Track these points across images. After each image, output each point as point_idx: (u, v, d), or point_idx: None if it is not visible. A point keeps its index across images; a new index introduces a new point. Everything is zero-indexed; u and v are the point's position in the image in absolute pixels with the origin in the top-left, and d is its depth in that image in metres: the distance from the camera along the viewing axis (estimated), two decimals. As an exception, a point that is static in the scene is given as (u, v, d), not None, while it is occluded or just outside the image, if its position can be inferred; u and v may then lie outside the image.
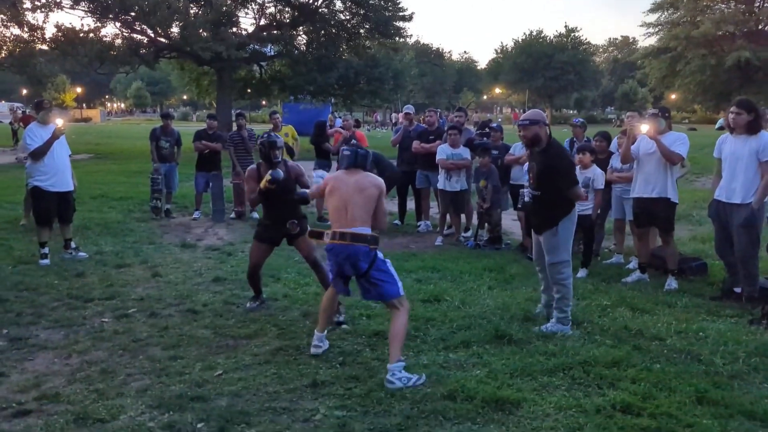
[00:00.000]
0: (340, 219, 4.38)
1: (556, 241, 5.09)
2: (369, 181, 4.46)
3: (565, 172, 5.09)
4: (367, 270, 4.29)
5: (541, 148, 5.09)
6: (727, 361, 4.45)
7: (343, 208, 4.38)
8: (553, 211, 5.08)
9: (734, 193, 5.79)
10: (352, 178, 4.46)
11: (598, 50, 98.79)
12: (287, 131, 10.90)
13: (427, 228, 9.68)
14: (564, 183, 5.04)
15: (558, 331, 5.01)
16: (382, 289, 4.31)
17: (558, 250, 5.10)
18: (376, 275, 4.30)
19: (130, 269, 7.09)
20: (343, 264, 4.36)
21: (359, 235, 4.30)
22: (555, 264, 5.12)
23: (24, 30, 24.79)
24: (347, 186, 4.42)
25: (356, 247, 4.29)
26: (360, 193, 4.38)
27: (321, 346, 4.61)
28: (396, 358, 4.14)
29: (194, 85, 34.45)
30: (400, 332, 4.25)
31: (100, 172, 16.70)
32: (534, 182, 5.17)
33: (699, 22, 44.07)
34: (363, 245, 4.29)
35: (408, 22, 29.11)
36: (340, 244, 4.33)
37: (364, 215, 4.36)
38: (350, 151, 4.55)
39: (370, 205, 4.39)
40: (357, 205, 4.35)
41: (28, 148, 7.15)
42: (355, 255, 4.29)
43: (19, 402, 3.86)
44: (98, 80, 68.89)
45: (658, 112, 6.54)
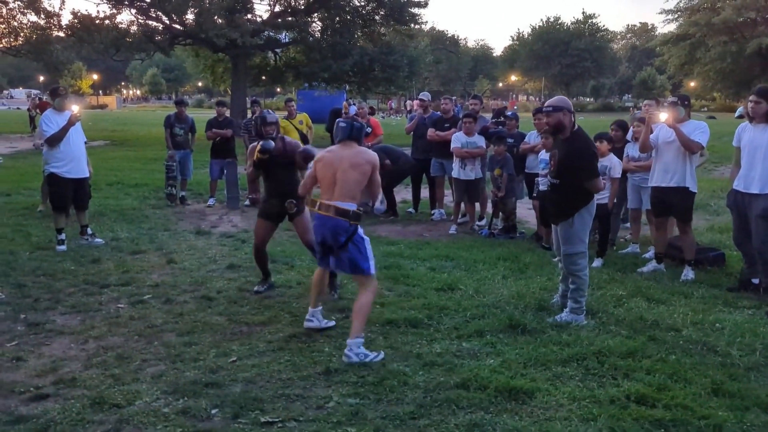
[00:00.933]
0: (329, 191, 4.50)
1: (573, 232, 5.03)
2: (363, 157, 4.51)
3: (588, 161, 4.98)
4: (345, 243, 4.41)
5: (565, 137, 5.01)
6: (744, 353, 4.41)
7: (332, 180, 4.48)
8: (571, 200, 5.01)
9: (753, 183, 5.70)
10: (346, 151, 4.53)
11: (616, 37, 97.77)
12: (302, 119, 10.91)
13: (441, 216, 9.66)
14: (585, 173, 4.94)
15: (572, 322, 4.98)
16: (353, 261, 4.43)
17: (573, 241, 5.04)
18: (351, 249, 4.42)
19: (145, 256, 7.14)
20: (326, 234, 4.48)
21: (343, 210, 4.41)
22: (570, 255, 5.07)
23: (41, 17, 24.95)
24: (340, 160, 4.49)
25: (338, 221, 4.41)
26: (354, 169, 4.46)
27: (313, 320, 4.82)
28: (356, 334, 4.29)
29: (209, 72, 34.45)
30: (363, 309, 4.40)
31: (115, 159, 16.81)
32: (554, 170, 5.09)
33: (719, 8, 43.42)
34: (344, 220, 4.41)
35: (423, 8, 28.89)
36: (325, 216, 4.46)
37: (353, 191, 4.46)
38: (346, 123, 4.61)
39: (362, 181, 4.50)
40: (348, 180, 4.44)
41: (44, 134, 7.19)
42: (336, 227, 4.42)
43: (36, 386, 3.91)
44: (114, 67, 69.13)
45: (677, 100, 6.45)
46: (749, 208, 5.75)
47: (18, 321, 5.05)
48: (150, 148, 20.33)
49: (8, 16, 25.55)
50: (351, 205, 4.44)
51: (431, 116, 9.87)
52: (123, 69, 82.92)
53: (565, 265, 5.14)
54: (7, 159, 16.20)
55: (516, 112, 10.95)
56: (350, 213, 4.42)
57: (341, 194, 4.44)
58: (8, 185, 11.66)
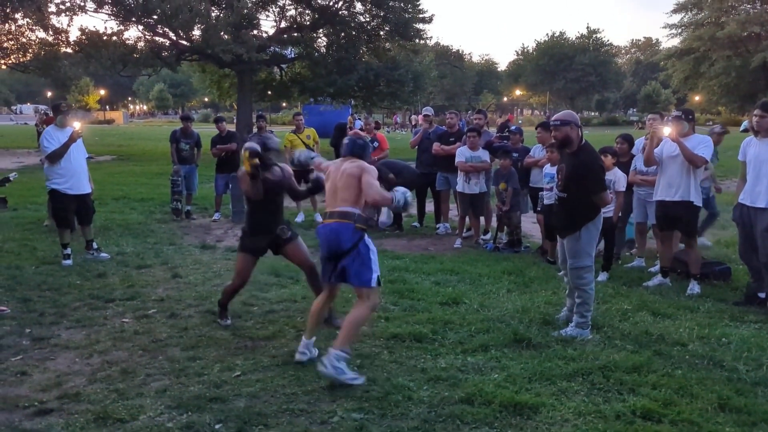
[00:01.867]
0: (330, 203, 4.49)
1: (580, 246, 5.04)
2: (354, 164, 4.48)
3: (596, 175, 5.01)
4: (350, 249, 4.25)
5: (572, 150, 5.04)
6: (751, 368, 4.38)
7: (333, 191, 4.49)
8: (578, 214, 5.03)
9: (759, 197, 5.69)
10: (344, 165, 4.53)
11: (621, 51, 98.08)
12: (309, 134, 10.96)
13: (446, 230, 9.66)
14: (593, 186, 4.96)
15: (577, 336, 4.96)
16: (360, 273, 4.26)
17: (580, 254, 5.05)
18: (356, 256, 4.26)
19: (150, 270, 7.16)
20: (330, 243, 4.32)
21: (345, 212, 4.33)
22: (577, 269, 5.07)
23: (49, 33, 25.20)
24: (338, 171, 4.51)
25: (342, 224, 4.30)
26: (346, 177, 4.42)
27: (306, 354, 4.51)
28: (340, 345, 4.13)
29: (215, 87, 34.71)
30: (356, 321, 4.26)
31: (122, 174, 16.90)
32: (562, 184, 5.10)
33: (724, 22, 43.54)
34: (349, 222, 4.30)
35: (428, 24, 29.08)
36: (327, 223, 4.40)
37: (349, 196, 4.37)
38: (349, 140, 4.67)
39: (351, 183, 4.38)
40: (342, 187, 4.42)
41: (45, 150, 7.24)
42: (339, 231, 4.28)
43: (40, 401, 3.91)
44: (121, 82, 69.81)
45: (681, 115, 6.46)
46: (755, 222, 5.73)
47: (23, 335, 5.05)
48: (156, 162, 20.44)
49: (17, 32, 25.83)
50: (353, 209, 4.35)
51: (435, 131, 9.90)
52: (130, 84, 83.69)
53: (572, 278, 5.13)
54: (14, 174, 16.28)
55: (519, 126, 10.96)
56: (354, 215, 4.32)
57: (343, 200, 4.40)
58: (15, 200, 11.72)
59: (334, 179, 4.53)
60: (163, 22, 24.85)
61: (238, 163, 10.74)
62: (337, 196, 4.45)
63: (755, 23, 42.74)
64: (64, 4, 24.42)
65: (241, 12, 24.57)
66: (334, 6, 28.15)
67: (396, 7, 27.43)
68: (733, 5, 45.68)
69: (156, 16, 24.37)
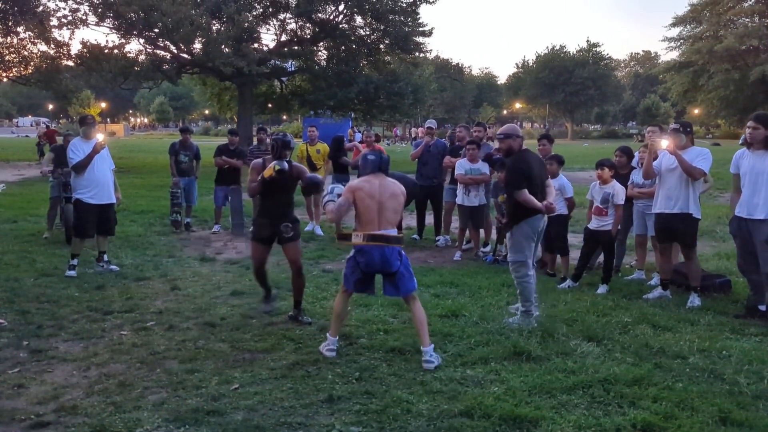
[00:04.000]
0: (372, 221, 4.71)
1: (513, 241, 5.66)
2: (398, 187, 4.85)
3: (512, 174, 5.64)
4: (398, 269, 4.70)
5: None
6: (752, 381, 4.35)
7: (375, 210, 4.72)
8: (513, 211, 5.64)
9: (756, 209, 5.68)
10: (380, 182, 4.82)
11: (620, 65, 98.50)
12: (320, 148, 10.88)
13: (446, 242, 9.65)
14: (511, 182, 5.61)
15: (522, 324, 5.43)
16: (407, 284, 4.75)
17: (515, 249, 5.64)
18: (404, 272, 4.73)
19: (149, 282, 7.15)
20: (376, 264, 4.70)
21: (392, 237, 4.72)
22: (512, 263, 5.66)
23: (50, 46, 25.37)
24: (377, 189, 4.76)
25: (392, 248, 4.71)
26: (392, 198, 4.78)
27: (335, 349, 4.85)
28: (428, 342, 4.63)
29: (216, 100, 34.86)
30: (424, 318, 4.72)
31: (122, 186, 16.65)
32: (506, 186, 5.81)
33: (722, 36, 43.75)
34: (397, 246, 4.74)
35: (428, 37, 29.28)
36: (375, 245, 4.68)
37: (393, 218, 4.77)
38: (375, 155, 4.92)
39: (400, 209, 4.88)
40: (389, 209, 4.74)
41: (71, 161, 7.37)
42: (390, 255, 4.68)
43: (37, 414, 3.88)
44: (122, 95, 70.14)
45: (679, 127, 6.47)
46: (754, 234, 5.72)
47: (21, 348, 5.03)
48: (156, 175, 20.47)
49: (19, 45, 25.99)
50: (395, 232, 4.78)
51: (436, 143, 9.91)
52: (131, 97, 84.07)
53: (511, 270, 5.71)
54: (14, 186, 16.33)
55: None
56: (399, 239, 4.79)
57: (387, 222, 4.73)
58: (14, 212, 11.73)
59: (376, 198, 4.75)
60: (164, 35, 25.01)
61: (238, 176, 10.77)
62: (382, 217, 4.75)
63: (753, 37, 42.98)
64: (65, 18, 24.60)
65: (241, 25, 24.73)
66: (335, 19, 28.33)
67: (396, 20, 27.61)
68: (732, 19, 45.93)
69: (157, 29, 24.52)
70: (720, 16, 45.62)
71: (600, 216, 6.94)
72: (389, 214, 4.74)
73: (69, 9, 24.81)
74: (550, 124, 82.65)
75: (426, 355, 4.58)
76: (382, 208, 4.72)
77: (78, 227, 7.48)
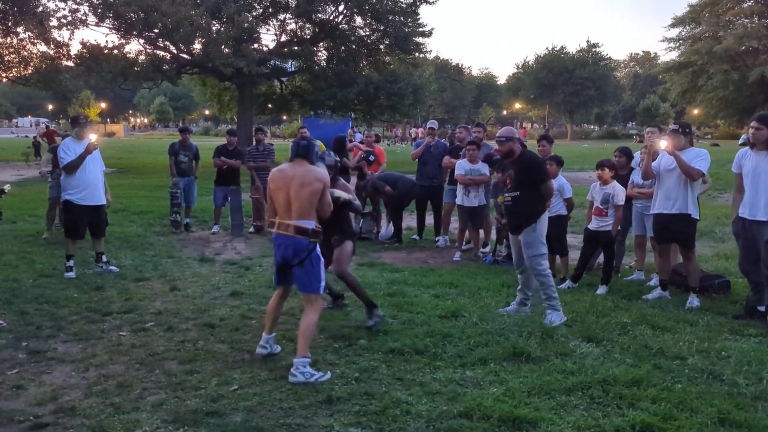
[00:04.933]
0: (286, 211, 4.65)
1: (534, 236, 5.73)
2: (312, 175, 4.65)
3: (539, 165, 5.91)
4: (304, 260, 4.60)
5: (514, 158, 5.88)
6: (751, 382, 4.35)
7: (286, 200, 4.64)
8: (532, 207, 5.76)
9: (759, 210, 5.67)
10: (295, 170, 4.68)
11: (620, 65, 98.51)
12: None
13: (446, 243, 9.65)
14: (539, 175, 5.81)
15: (557, 321, 5.56)
16: (307, 279, 4.64)
17: (536, 244, 5.73)
18: (308, 267, 4.62)
19: (148, 283, 7.14)
20: (287, 253, 4.64)
21: (302, 228, 4.60)
22: (534, 257, 5.73)
23: (50, 47, 25.37)
24: (291, 179, 4.64)
25: (299, 240, 4.60)
26: (304, 187, 4.60)
27: (266, 347, 4.84)
28: (302, 353, 4.42)
29: (216, 100, 34.89)
30: (309, 328, 4.55)
31: (122, 186, 16.89)
32: (513, 185, 5.83)
33: (721, 37, 43.74)
34: (304, 238, 4.59)
35: (428, 37, 29.32)
36: (285, 235, 4.64)
37: (307, 209, 4.62)
38: (293, 142, 4.90)
39: (313, 199, 4.64)
40: (301, 199, 4.60)
41: (62, 161, 7.31)
42: (297, 246, 4.60)
43: (36, 415, 3.88)
44: (122, 95, 70.05)
45: (677, 128, 6.47)
46: (757, 235, 5.71)
47: (19, 349, 5.03)
48: (155, 175, 20.46)
49: (19, 46, 26.00)
50: (309, 223, 4.63)
51: (436, 144, 9.91)
52: (131, 97, 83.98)
53: (531, 267, 5.78)
54: (13, 186, 16.31)
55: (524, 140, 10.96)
56: (309, 231, 4.61)
57: (298, 212, 4.60)
58: (14, 212, 11.72)
59: (286, 187, 4.64)
60: (164, 35, 25.03)
61: (238, 176, 10.77)
62: (293, 207, 4.62)
63: (753, 38, 42.98)
64: (65, 18, 24.63)
65: (241, 26, 24.75)
66: (335, 20, 28.36)
67: (396, 21, 27.63)
68: (731, 20, 45.94)
69: (157, 30, 24.54)
70: (719, 17, 45.63)
71: (600, 216, 6.94)
72: (301, 205, 4.59)
73: (69, 9, 24.87)
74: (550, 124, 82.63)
75: (295, 366, 4.37)
76: (291, 198, 4.61)
77: (69, 228, 7.44)
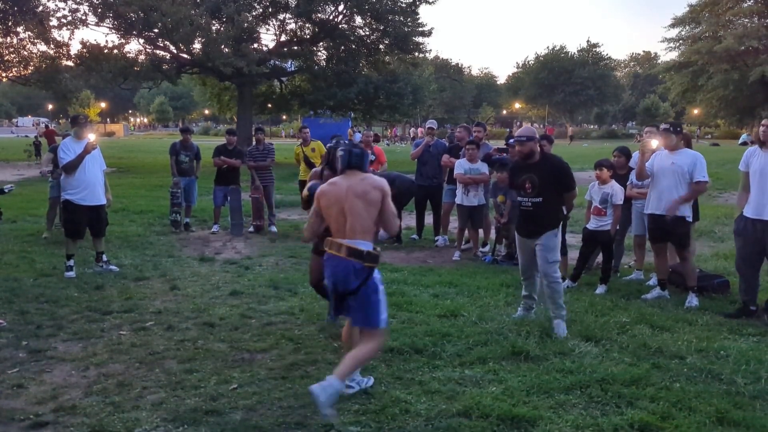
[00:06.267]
0: (339, 229, 3.98)
1: (555, 242, 5.53)
2: (369, 183, 3.99)
3: (568, 174, 5.60)
4: (357, 288, 3.88)
5: (535, 161, 5.58)
6: (749, 381, 4.36)
7: (341, 216, 3.96)
8: (554, 214, 5.56)
9: (765, 209, 5.66)
10: (349, 182, 4.02)
11: (620, 65, 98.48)
12: (314, 146, 10.86)
13: (445, 242, 9.66)
14: (569, 183, 5.57)
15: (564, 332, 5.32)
16: (363, 311, 3.94)
17: (555, 249, 5.53)
18: (364, 296, 3.90)
19: (148, 282, 7.15)
20: (337, 278, 3.95)
21: (355, 249, 3.88)
22: (553, 263, 5.49)
23: (50, 46, 25.41)
24: (344, 192, 3.98)
25: (351, 263, 3.87)
26: (360, 198, 3.93)
27: (353, 386, 4.18)
28: (342, 375, 3.73)
29: (215, 100, 34.91)
30: (359, 358, 3.89)
31: (121, 186, 16.89)
32: (536, 190, 5.52)
33: (721, 37, 43.72)
34: (358, 261, 3.87)
35: (427, 37, 29.33)
36: (336, 257, 3.94)
37: (365, 225, 3.93)
38: (344, 150, 4.12)
39: (371, 212, 3.95)
40: (356, 214, 3.92)
41: (61, 161, 7.30)
42: (347, 270, 3.89)
43: (36, 414, 3.89)
44: (122, 95, 70.12)
45: (669, 127, 6.45)
46: (764, 235, 5.70)
47: (20, 348, 5.04)
48: (155, 175, 20.46)
49: (19, 46, 26.01)
50: (366, 244, 3.91)
51: (436, 144, 9.92)
52: (131, 97, 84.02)
53: (546, 274, 5.49)
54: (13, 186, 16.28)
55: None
56: (364, 253, 3.88)
57: (353, 230, 3.91)
58: (14, 212, 11.72)
59: (339, 202, 3.97)
60: (163, 35, 25.05)
61: (237, 176, 10.78)
62: (348, 224, 3.94)
63: (753, 37, 42.94)
64: (65, 18, 24.65)
65: (241, 26, 24.76)
66: (334, 20, 28.37)
67: (395, 20, 27.65)
68: (731, 20, 45.90)
69: (157, 29, 24.56)
70: (719, 17, 45.59)
71: (599, 216, 6.95)
72: (357, 220, 3.91)
73: (69, 9, 24.89)
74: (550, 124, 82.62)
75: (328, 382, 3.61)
76: (346, 213, 3.93)
77: (69, 228, 7.44)
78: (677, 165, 6.28)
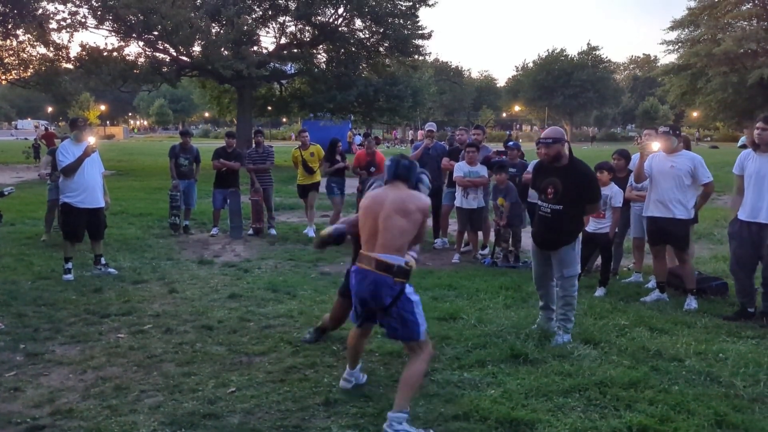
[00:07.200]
0: (370, 241, 3.84)
1: (573, 255, 5.21)
2: (415, 203, 3.84)
3: (595, 185, 5.29)
4: (390, 305, 3.76)
5: (562, 165, 5.19)
6: (748, 384, 4.36)
7: (374, 227, 3.82)
8: (574, 225, 5.23)
9: (761, 213, 5.66)
10: (393, 195, 3.88)
11: (619, 68, 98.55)
12: (313, 150, 10.82)
13: (444, 245, 9.65)
14: (593, 195, 5.23)
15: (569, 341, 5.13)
16: (400, 327, 3.81)
17: (574, 263, 5.22)
18: (398, 313, 3.77)
19: (147, 285, 7.14)
20: (365, 292, 3.82)
21: (386, 263, 3.73)
22: (571, 277, 5.20)
23: (50, 49, 25.40)
24: (385, 203, 3.84)
25: (379, 277, 3.74)
26: (401, 215, 3.79)
27: (351, 380, 4.29)
28: (399, 408, 3.64)
29: (215, 102, 34.91)
30: (413, 378, 3.74)
31: (121, 189, 16.89)
32: (557, 197, 5.17)
33: (720, 39, 43.72)
34: (388, 276, 3.73)
35: (427, 40, 29.34)
36: (365, 270, 3.80)
37: (398, 242, 3.77)
38: (391, 161, 3.99)
39: (408, 233, 3.81)
40: (394, 229, 3.77)
41: (60, 164, 7.29)
42: (377, 284, 3.75)
43: (33, 417, 3.88)
44: (122, 98, 70.05)
45: (669, 130, 6.46)
46: (759, 238, 5.70)
47: (17, 351, 5.02)
48: (155, 177, 20.46)
49: (18, 48, 26.02)
50: (396, 259, 3.75)
51: (435, 146, 9.92)
52: (130, 100, 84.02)
53: (564, 287, 5.22)
54: (13, 189, 16.26)
55: (518, 142, 10.98)
56: (394, 268, 3.73)
57: (385, 245, 3.76)
58: (13, 214, 11.71)
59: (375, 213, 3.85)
60: (163, 38, 25.05)
61: (237, 179, 10.77)
62: (380, 236, 3.80)
63: (752, 40, 42.89)
64: (65, 21, 24.65)
65: (241, 28, 24.77)
66: (334, 22, 28.37)
67: (395, 23, 27.65)
68: (729, 22, 45.91)
69: (156, 32, 24.57)
70: (718, 20, 45.58)
71: (598, 218, 6.94)
72: (393, 236, 3.74)
73: (68, 12, 24.88)
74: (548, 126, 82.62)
75: (389, 422, 3.60)
76: (382, 227, 3.78)
77: (67, 231, 7.43)
78: (677, 168, 6.28)
